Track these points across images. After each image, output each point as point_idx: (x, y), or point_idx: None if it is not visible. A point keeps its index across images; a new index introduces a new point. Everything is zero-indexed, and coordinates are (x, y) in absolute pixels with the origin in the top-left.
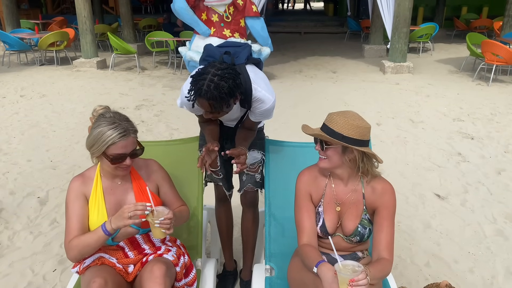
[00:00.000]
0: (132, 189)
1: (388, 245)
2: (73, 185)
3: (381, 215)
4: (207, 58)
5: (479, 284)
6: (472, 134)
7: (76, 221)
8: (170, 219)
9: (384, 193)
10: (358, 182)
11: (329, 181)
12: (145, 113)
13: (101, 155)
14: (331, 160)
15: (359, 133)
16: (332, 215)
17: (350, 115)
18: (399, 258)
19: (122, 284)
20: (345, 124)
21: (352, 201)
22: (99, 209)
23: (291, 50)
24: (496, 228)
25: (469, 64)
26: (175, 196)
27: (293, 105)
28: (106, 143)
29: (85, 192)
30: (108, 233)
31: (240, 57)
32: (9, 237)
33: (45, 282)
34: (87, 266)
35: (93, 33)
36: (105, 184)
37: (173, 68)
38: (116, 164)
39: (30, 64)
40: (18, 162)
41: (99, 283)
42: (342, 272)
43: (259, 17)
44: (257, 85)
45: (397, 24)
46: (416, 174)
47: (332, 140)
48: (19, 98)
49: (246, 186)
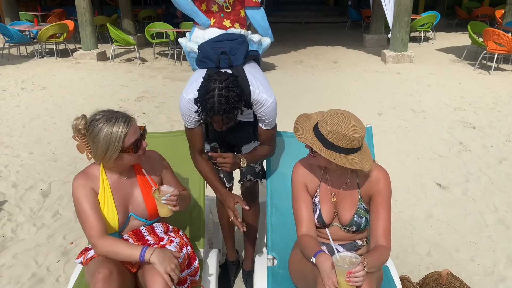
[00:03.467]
0: (137, 183)
1: (385, 231)
2: (79, 182)
3: (377, 202)
4: (203, 59)
5: (480, 272)
6: (474, 124)
7: (96, 213)
8: (176, 195)
9: (379, 180)
10: (353, 172)
11: (324, 172)
12: (145, 105)
13: (120, 153)
14: (319, 160)
15: (350, 143)
16: (328, 206)
17: (344, 123)
18: (401, 247)
19: (126, 275)
20: (337, 134)
21: (347, 191)
22: (108, 205)
23: (291, 40)
24: (498, 217)
25: (470, 53)
26: (177, 183)
27: (293, 95)
28: (120, 138)
29: (94, 188)
30: (143, 260)
31: (237, 56)
32: (13, 229)
33: (49, 273)
34: (91, 257)
35: (93, 24)
36: (111, 181)
37: (173, 59)
38: (138, 151)
39: (30, 56)
40: (20, 154)
41: (104, 273)
42: (339, 264)
43: (259, 7)
44: (255, 87)
45: (398, 13)
46: (418, 164)
47: (321, 150)
48: (19, 90)
49: (246, 177)
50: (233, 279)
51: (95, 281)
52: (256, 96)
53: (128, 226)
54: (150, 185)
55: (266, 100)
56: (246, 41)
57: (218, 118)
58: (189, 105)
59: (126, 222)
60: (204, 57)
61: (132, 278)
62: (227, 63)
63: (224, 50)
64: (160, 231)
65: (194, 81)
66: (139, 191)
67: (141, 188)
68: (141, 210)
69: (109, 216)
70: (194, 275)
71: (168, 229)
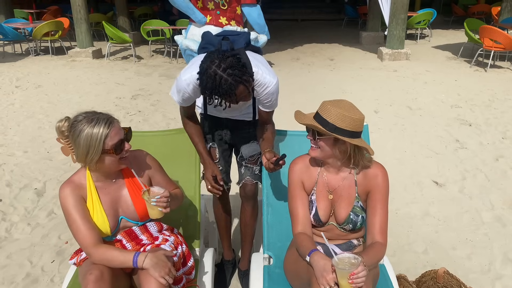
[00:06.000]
0: (125, 185)
1: (382, 228)
2: (66, 191)
3: (374, 198)
4: (206, 45)
5: (477, 270)
6: (470, 121)
7: (87, 222)
8: (167, 197)
9: (376, 176)
10: (350, 170)
11: (321, 170)
12: (141, 103)
13: (101, 155)
14: (322, 150)
15: (353, 124)
16: (324, 203)
17: (344, 105)
18: (397, 245)
19: (120, 275)
20: (339, 115)
21: (344, 189)
22: (97, 212)
23: (288, 37)
24: (494, 214)
25: (467, 50)
26: (168, 182)
27: (290, 93)
28: (101, 139)
29: (82, 195)
30: (136, 266)
31: (238, 42)
32: (7, 228)
33: (43, 273)
34: (84, 258)
35: (88, 22)
36: (98, 185)
37: (169, 57)
38: (119, 154)
39: (25, 54)
40: (14, 153)
41: (95, 274)
42: (339, 266)
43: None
44: (257, 68)
45: (395, 10)
46: (414, 161)
47: (325, 131)
48: (14, 88)
49: (245, 178)
50: (229, 279)
51: (86, 282)
52: (259, 77)
53: (120, 229)
54: (139, 186)
55: (269, 81)
56: (248, 35)
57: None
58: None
59: (117, 225)
60: (206, 42)
61: (126, 278)
62: (228, 46)
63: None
64: (154, 230)
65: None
66: (127, 193)
67: (129, 190)
68: (130, 213)
69: (99, 222)
70: (189, 274)
71: (162, 228)
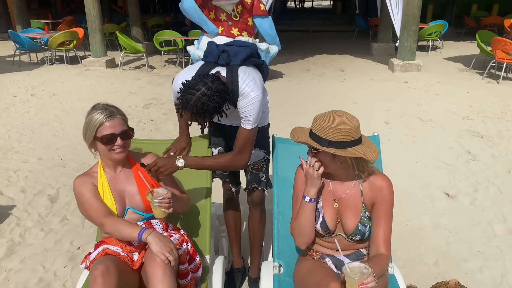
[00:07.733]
0: (133, 177)
1: (386, 240)
2: (79, 179)
3: (379, 210)
4: (207, 54)
5: (489, 283)
6: (482, 133)
7: (99, 200)
8: (169, 198)
9: (382, 189)
10: (356, 179)
11: (326, 178)
12: (154, 112)
13: (94, 141)
14: (324, 164)
15: (345, 135)
16: (330, 211)
17: (334, 118)
18: (408, 257)
19: (127, 271)
20: (330, 129)
21: (350, 199)
22: (106, 196)
23: (299, 48)
24: (507, 227)
25: (479, 62)
26: (175, 187)
27: (301, 103)
28: (95, 126)
29: (93, 182)
30: (141, 239)
31: (237, 57)
32: (21, 234)
33: (56, 278)
34: (93, 260)
35: (102, 32)
36: (108, 176)
37: (181, 67)
38: (109, 146)
39: (40, 63)
40: (29, 160)
41: (100, 269)
42: (350, 276)
43: (267, 15)
44: (243, 80)
45: (406, 22)
46: (425, 173)
47: (319, 147)
48: (29, 97)
49: (251, 185)
50: (239, 287)
51: (93, 277)
52: (243, 86)
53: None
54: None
55: (252, 91)
56: (253, 49)
57: (188, 114)
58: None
59: (124, 215)
60: (208, 51)
61: (134, 275)
62: (224, 61)
63: (226, 50)
64: (159, 228)
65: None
66: (134, 184)
67: (137, 182)
68: (136, 202)
69: (108, 205)
70: (196, 271)
71: (167, 227)
